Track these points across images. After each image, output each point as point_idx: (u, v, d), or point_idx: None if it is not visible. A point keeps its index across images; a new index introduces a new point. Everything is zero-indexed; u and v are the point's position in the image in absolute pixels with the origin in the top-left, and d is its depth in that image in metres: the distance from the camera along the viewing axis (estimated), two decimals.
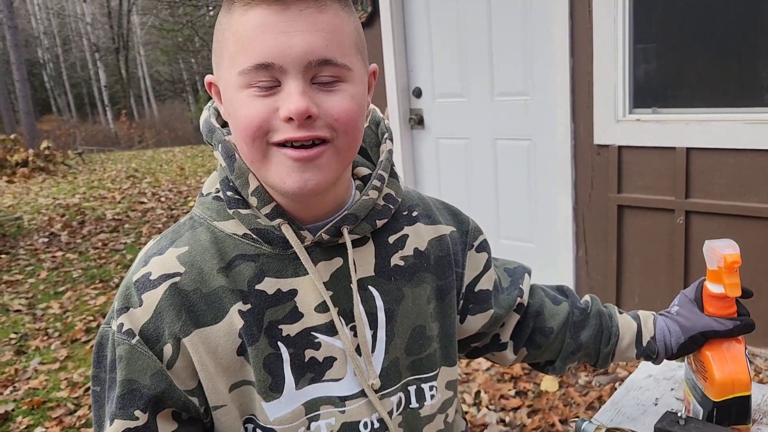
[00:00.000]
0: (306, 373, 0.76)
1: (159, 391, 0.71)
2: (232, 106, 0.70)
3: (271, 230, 0.75)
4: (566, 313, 1.01)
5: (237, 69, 0.67)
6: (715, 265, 1.00)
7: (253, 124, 0.68)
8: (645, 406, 1.12)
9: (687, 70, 2.78)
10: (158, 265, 0.74)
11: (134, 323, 0.72)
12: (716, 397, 1.00)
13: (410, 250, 0.85)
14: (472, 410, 2.52)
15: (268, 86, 0.67)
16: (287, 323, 0.75)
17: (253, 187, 0.74)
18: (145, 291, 0.73)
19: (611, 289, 3.07)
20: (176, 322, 0.72)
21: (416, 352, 0.84)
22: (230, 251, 0.75)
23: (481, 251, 0.96)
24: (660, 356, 1.03)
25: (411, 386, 0.84)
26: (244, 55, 0.67)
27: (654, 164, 2.82)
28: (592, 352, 1.02)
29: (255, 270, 0.75)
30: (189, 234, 0.77)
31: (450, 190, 3.73)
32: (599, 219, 3.05)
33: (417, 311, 0.84)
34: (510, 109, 3.33)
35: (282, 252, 0.76)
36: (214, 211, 0.77)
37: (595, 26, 2.84)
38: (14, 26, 16.22)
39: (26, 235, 6.33)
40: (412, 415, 0.84)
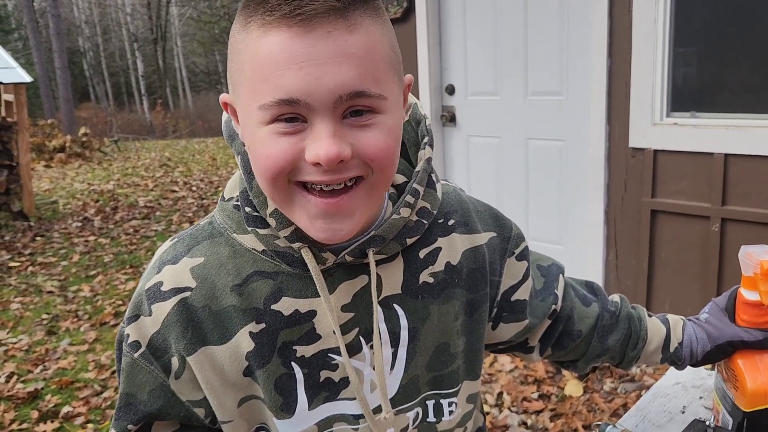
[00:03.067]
0: (321, 392, 0.74)
1: (155, 408, 0.71)
2: (252, 141, 0.63)
3: (290, 252, 0.70)
4: (596, 316, 0.97)
5: (257, 102, 0.60)
6: (751, 272, 0.96)
7: (277, 167, 0.61)
8: (672, 414, 1.10)
9: (727, 75, 2.70)
10: (170, 276, 0.71)
11: (142, 333, 0.70)
12: (747, 407, 0.97)
13: (441, 265, 0.79)
14: (493, 411, 2.50)
15: (293, 122, 0.60)
16: (303, 344, 0.72)
17: (271, 209, 0.68)
18: (156, 302, 0.70)
19: (641, 294, 3.01)
20: (181, 340, 0.69)
21: (438, 369, 0.82)
22: (248, 267, 0.71)
23: (522, 260, 0.89)
24: (684, 363, 1.00)
25: (429, 401, 0.82)
26: (265, 88, 0.59)
27: (690, 169, 2.76)
28: (618, 355, 1.00)
29: (272, 288, 0.71)
30: (207, 243, 0.72)
31: (480, 189, 3.70)
32: (631, 223, 2.99)
33: (442, 329, 0.80)
34: (543, 108, 3.29)
35: (302, 272, 0.71)
36: (234, 221, 0.73)
37: (634, 27, 2.79)
38: (57, 15, 16.59)
39: (61, 218, 6.48)
40: (428, 428, 0.83)
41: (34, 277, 4.67)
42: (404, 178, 0.77)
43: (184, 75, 28.52)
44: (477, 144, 3.65)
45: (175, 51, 27.77)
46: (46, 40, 20.77)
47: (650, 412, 1.12)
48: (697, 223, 2.77)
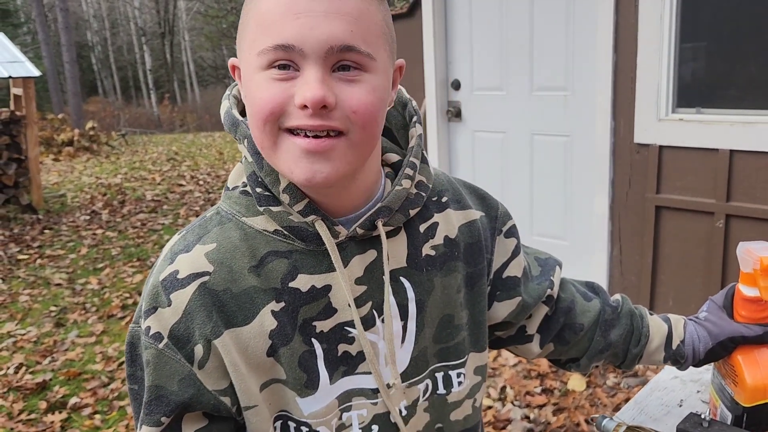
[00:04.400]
0: (339, 366, 0.76)
1: (187, 397, 0.70)
2: (248, 88, 0.67)
3: (304, 227, 0.72)
4: (597, 310, 0.99)
5: (256, 50, 0.65)
6: (750, 268, 0.97)
7: (267, 108, 0.65)
8: (669, 407, 1.11)
9: (733, 71, 2.70)
10: (186, 264, 0.71)
11: (163, 325, 0.69)
12: (747, 402, 0.97)
13: (440, 239, 0.82)
14: (496, 405, 2.52)
15: (286, 69, 0.64)
16: (321, 319, 0.74)
17: (284, 185, 0.71)
18: (174, 290, 0.70)
19: (645, 290, 3.01)
20: (207, 324, 0.69)
21: (444, 341, 0.84)
22: (261, 248, 0.72)
23: (510, 237, 0.92)
24: (687, 362, 1.00)
25: (438, 373, 0.84)
26: (265, 36, 0.64)
27: (695, 165, 2.76)
28: (620, 352, 1.00)
29: (288, 267, 0.72)
30: (217, 230, 0.73)
31: (484, 184, 3.68)
32: (636, 219, 2.99)
33: (446, 301, 0.83)
34: (549, 104, 3.29)
35: (316, 248, 0.73)
36: (242, 206, 0.74)
37: (640, 22, 2.78)
38: (65, 9, 16.64)
39: (69, 212, 6.52)
40: (439, 401, 0.84)
41: (43, 269, 4.72)
42: (398, 157, 0.82)
43: (191, 69, 28.57)
44: (482, 139, 3.65)
45: (183, 45, 27.82)
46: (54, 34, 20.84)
47: (648, 405, 1.13)
48: (702, 219, 2.76)
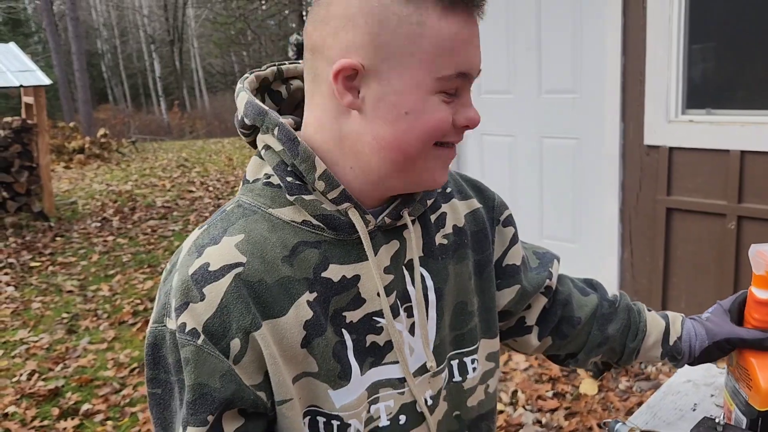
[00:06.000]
0: (367, 357, 0.76)
1: (229, 393, 0.68)
2: (414, 106, 0.68)
3: (336, 215, 0.72)
4: (595, 304, 1.00)
5: (435, 74, 0.67)
6: (763, 270, 0.96)
7: (443, 128, 0.69)
8: (682, 411, 1.10)
9: (743, 71, 2.68)
10: (216, 255, 0.69)
11: (197, 320, 0.66)
12: (762, 406, 0.96)
13: (450, 228, 0.85)
14: (508, 409, 2.51)
15: (453, 94, 0.70)
16: (350, 310, 0.74)
17: (320, 171, 0.71)
18: (207, 284, 0.67)
19: (657, 293, 2.99)
20: (246, 316, 0.67)
21: (458, 328, 0.85)
22: (291, 238, 0.72)
23: (508, 225, 0.94)
24: (684, 359, 1.00)
25: (453, 360, 0.84)
26: (447, 62, 0.67)
27: (706, 167, 2.74)
28: (618, 347, 1.00)
29: (319, 257, 0.72)
30: (243, 222, 0.72)
31: (493, 188, 3.67)
32: (646, 221, 2.98)
33: (459, 288, 0.84)
34: (557, 106, 3.28)
35: (346, 237, 0.73)
36: (267, 197, 0.73)
37: (648, 24, 2.77)
38: (76, 18, 16.81)
39: (80, 219, 6.57)
40: (455, 388, 0.85)
41: (55, 276, 4.75)
42: None
43: (200, 76, 28.74)
44: (490, 142, 3.65)
45: (192, 52, 28.00)
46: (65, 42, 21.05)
47: (661, 409, 1.12)
48: (713, 221, 2.75)
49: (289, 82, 0.82)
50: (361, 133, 0.70)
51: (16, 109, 7.62)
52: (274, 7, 15.71)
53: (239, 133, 0.78)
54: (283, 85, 0.82)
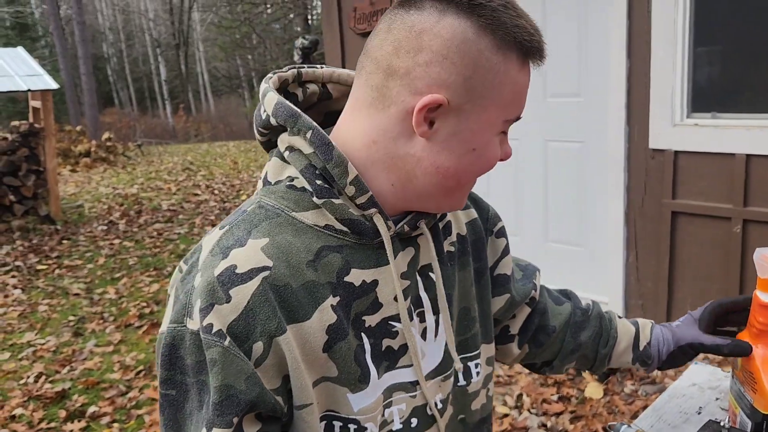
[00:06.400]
0: (383, 361, 0.77)
1: (254, 396, 0.68)
2: (482, 143, 0.74)
3: (361, 220, 0.74)
4: (568, 313, 1.04)
5: (506, 116, 0.73)
6: (767, 274, 0.97)
7: (495, 163, 0.76)
8: (687, 415, 1.10)
9: (748, 75, 2.68)
10: (243, 258, 0.69)
11: (222, 321, 0.66)
12: (767, 410, 0.97)
13: (455, 236, 0.88)
14: (513, 413, 2.51)
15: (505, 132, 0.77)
16: (369, 314, 0.75)
17: (352, 176, 0.72)
18: (234, 286, 0.67)
19: (662, 296, 2.99)
20: (272, 320, 0.68)
21: (463, 333, 0.87)
22: (315, 243, 0.73)
23: (500, 237, 0.98)
24: (653, 363, 1.04)
25: (460, 365, 0.86)
26: (516, 107, 0.74)
27: (711, 170, 2.74)
28: (590, 353, 1.04)
29: (342, 261, 0.73)
30: (266, 224, 0.72)
31: (498, 191, 3.70)
32: (652, 225, 2.98)
33: (463, 294, 0.87)
34: (562, 110, 3.28)
35: (367, 242, 0.75)
36: (291, 201, 0.74)
37: (653, 27, 2.78)
38: (82, 22, 16.91)
39: (86, 222, 6.60)
40: (461, 392, 0.87)
41: (61, 279, 4.78)
42: None
43: (205, 79, 28.83)
44: None
45: (197, 56, 28.10)
46: (71, 46, 21.16)
47: (666, 412, 1.12)
48: (719, 224, 2.74)
49: (305, 86, 0.83)
50: (422, 158, 0.73)
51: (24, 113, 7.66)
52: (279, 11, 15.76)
53: (256, 132, 0.79)
54: (300, 88, 0.83)
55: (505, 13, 0.71)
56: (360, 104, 0.74)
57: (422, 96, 0.69)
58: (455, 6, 0.69)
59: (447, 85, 0.69)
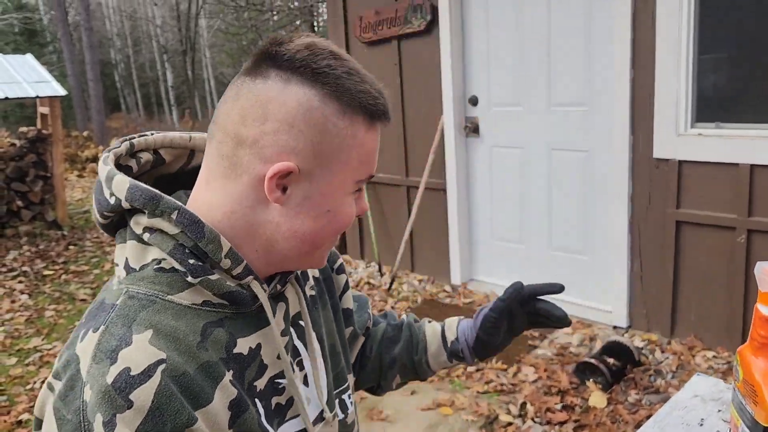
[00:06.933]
0: (275, 419, 0.79)
1: None
2: (339, 205, 0.76)
3: (239, 291, 0.74)
4: (382, 331, 1.10)
5: (356, 177, 0.76)
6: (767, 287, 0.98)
7: (351, 221, 0.79)
8: (689, 426, 1.11)
9: (752, 85, 2.69)
10: (134, 357, 0.65)
11: (130, 429, 0.62)
12: (767, 422, 0.98)
13: (311, 279, 0.93)
14: (516, 422, 2.51)
15: (359, 190, 0.80)
16: (258, 378, 0.77)
17: (226, 249, 0.73)
18: (133, 389, 0.63)
19: (666, 305, 2.99)
20: (182, 413, 0.65)
21: (335, 368, 0.92)
22: (197, 322, 0.71)
23: (341, 273, 1.02)
24: (466, 356, 1.06)
25: (336, 399, 0.90)
26: (366, 168, 0.77)
27: (715, 180, 2.74)
28: (407, 362, 1.08)
29: (227, 335, 0.73)
30: (145, 314, 0.69)
31: (502, 199, 3.71)
32: (656, 234, 2.98)
33: (329, 332, 0.93)
34: (567, 119, 3.29)
35: (245, 310, 0.76)
36: (163, 284, 0.72)
37: (658, 37, 2.79)
38: (90, 28, 17.02)
39: (93, 228, 6.63)
40: (342, 425, 0.91)
41: (68, 285, 4.80)
42: None
43: (212, 85, 28.94)
44: (500, 154, 3.67)
45: (204, 62, 28.22)
46: (79, 52, 21.28)
47: (668, 424, 1.13)
48: (723, 234, 2.75)
49: (138, 156, 0.81)
50: (279, 223, 0.74)
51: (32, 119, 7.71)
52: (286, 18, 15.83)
53: (98, 216, 0.76)
54: (133, 159, 0.81)
55: (348, 79, 0.72)
56: (214, 174, 0.75)
57: (272, 164, 0.71)
58: (299, 75, 0.70)
59: (296, 152, 0.71)
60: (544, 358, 2.98)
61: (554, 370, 2.84)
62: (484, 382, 2.81)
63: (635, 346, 2.84)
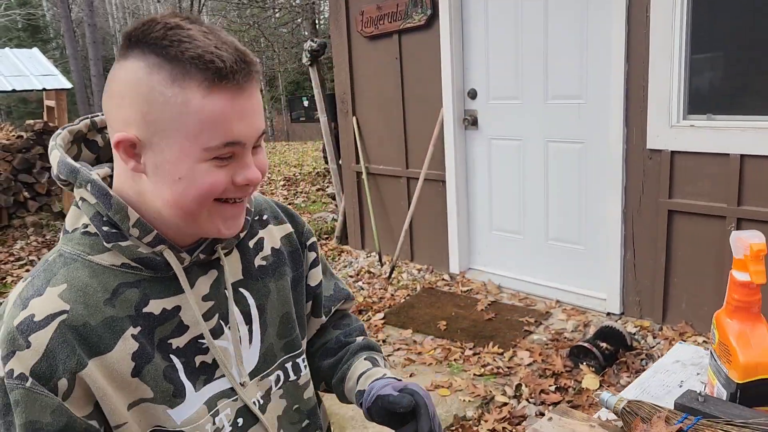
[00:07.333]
0: (200, 376, 0.86)
1: (62, 425, 0.75)
2: (187, 172, 0.76)
3: (152, 257, 0.81)
4: (328, 339, 1.10)
5: (202, 145, 0.74)
6: (742, 254, 1.07)
7: (217, 190, 0.77)
8: (669, 387, 1.19)
9: (743, 78, 2.77)
10: (40, 306, 0.76)
11: (24, 365, 0.73)
12: (740, 379, 1.06)
13: (268, 250, 0.97)
14: (512, 402, 2.59)
15: (228, 158, 0.77)
16: (175, 336, 0.83)
17: (133, 220, 0.79)
18: (32, 333, 0.74)
19: (658, 293, 3.07)
20: (71, 358, 0.75)
21: (287, 335, 0.98)
22: (112, 281, 0.79)
23: (312, 251, 1.06)
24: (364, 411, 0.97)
25: (287, 363, 0.97)
26: (212, 134, 0.74)
27: (707, 170, 2.82)
28: (328, 379, 1.07)
29: (139, 295, 0.81)
30: (64, 271, 0.79)
31: (500, 190, 3.79)
32: (649, 223, 3.06)
33: (282, 300, 0.97)
34: (563, 112, 3.37)
35: (163, 274, 0.82)
36: (86, 246, 0.80)
37: (652, 32, 2.87)
38: (93, 24, 17.08)
39: None
40: (293, 386, 0.98)
41: None
42: None
43: None
44: (498, 146, 3.75)
45: None
46: (82, 48, 21.34)
47: (650, 386, 1.21)
48: (714, 223, 2.83)
49: (104, 131, 0.89)
50: (152, 192, 0.79)
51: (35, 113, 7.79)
52: (287, 15, 15.89)
53: (60, 185, 0.85)
54: (99, 135, 0.89)
55: (178, 47, 0.72)
56: None
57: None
58: (137, 50, 0.74)
59: (131, 123, 0.75)
60: (540, 342, 3.06)
61: (549, 354, 2.93)
62: (481, 365, 2.90)
63: (628, 332, 2.92)
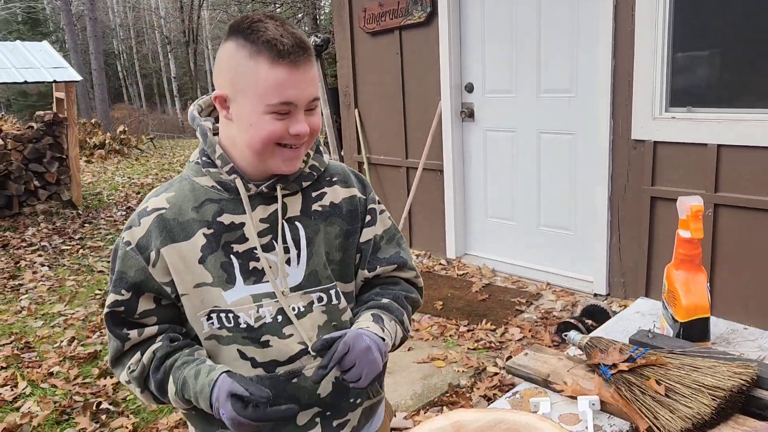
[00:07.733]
0: (251, 276, 1.12)
1: (138, 280, 1.10)
2: (255, 121, 1.06)
3: (228, 182, 1.13)
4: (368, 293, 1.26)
5: (266, 102, 1.04)
6: (685, 215, 1.27)
7: (275, 136, 1.06)
8: (629, 332, 1.39)
9: (722, 74, 2.97)
10: (153, 203, 1.14)
11: (133, 237, 1.11)
12: (682, 319, 1.27)
13: (327, 202, 1.20)
14: (502, 372, 2.80)
15: (284, 114, 1.06)
16: (238, 243, 1.12)
17: (218, 154, 1.13)
18: (143, 217, 1.12)
19: (642, 274, 3.28)
20: (159, 238, 1.10)
21: (332, 267, 1.19)
22: (201, 196, 1.13)
23: (369, 214, 1.25)
24: None
25: (331, 290, 1.18)
26: (273, 95, 1.04)
27: (686, 159, 3.02)
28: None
29: (218, 208, 1.12)
30: (177, 185, 1.16)
31: (495, 178, 3.99)
32: (633, 209, 3.26)
33: (328, 242, 1.19)
34: (554, 105, 3.58)
35: (236, 197, 1.13)
36: (193, 171, 1.16)
37: (637, 30, 3.07)
38: (94, 18, 17.22)
39: (106, 208, 6.91)
40: (334, 308, 1.18)
41: (86, 258, 5.08)
42: None
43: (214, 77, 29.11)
44: (493, 137, 3.95)
45: (206, 53, 28.40)
46: (82, 42, 21.47)
47: (612, 331, 1.42)
48: None
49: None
50: (237, 136, 1.10)
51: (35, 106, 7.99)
52: (289, 10, 16.08)
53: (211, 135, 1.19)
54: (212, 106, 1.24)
55: (257, 33, 1.03)
56: None
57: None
58: (232, 35, 1.06)
59: (224, 84, 1.08)
60: (530, 320, 3.27)
61: (538, 331, 3.13)
62: (475, 341, 3.10)
63: (612, 310, 3.13)
